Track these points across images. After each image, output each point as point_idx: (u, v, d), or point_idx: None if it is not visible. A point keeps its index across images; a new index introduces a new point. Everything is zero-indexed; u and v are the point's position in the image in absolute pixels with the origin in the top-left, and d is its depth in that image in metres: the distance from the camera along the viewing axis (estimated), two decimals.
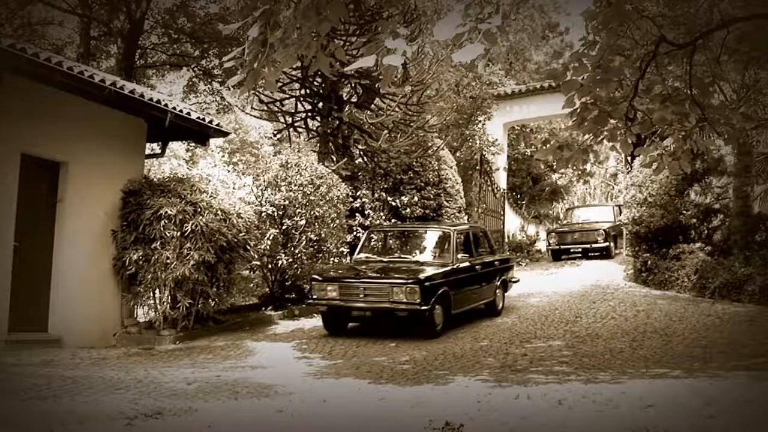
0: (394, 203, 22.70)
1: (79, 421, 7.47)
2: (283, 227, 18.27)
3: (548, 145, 32.10)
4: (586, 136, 10.69)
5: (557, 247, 31.15)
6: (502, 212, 32.12)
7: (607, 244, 30.35)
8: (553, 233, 32.19)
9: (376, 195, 22.69)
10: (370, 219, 21.90)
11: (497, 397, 9.57)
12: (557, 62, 37.43)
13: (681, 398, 9.20)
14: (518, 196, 39.35)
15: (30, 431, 7.00)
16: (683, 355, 12.72)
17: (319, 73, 19.68)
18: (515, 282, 20.05)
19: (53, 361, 12.11)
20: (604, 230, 30.48)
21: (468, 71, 27.75)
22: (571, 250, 31.05)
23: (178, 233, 15.03)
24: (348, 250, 21.21)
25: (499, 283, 18.39)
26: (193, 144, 23.19)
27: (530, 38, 40.88)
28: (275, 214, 18.19)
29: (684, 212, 22.24)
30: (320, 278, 15.78)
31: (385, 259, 16.93)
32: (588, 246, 30.66)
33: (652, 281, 22.64)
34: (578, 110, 10.14)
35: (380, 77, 19.07)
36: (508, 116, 32.60)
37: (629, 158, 26.75)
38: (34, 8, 30.80)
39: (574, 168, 36.09)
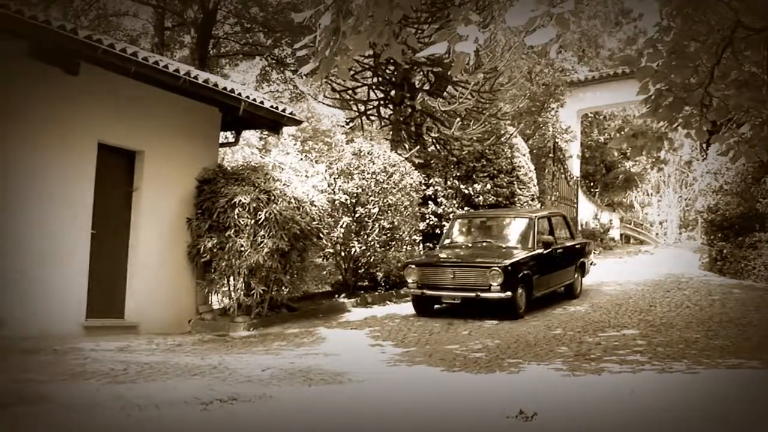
0: (466, 191, 22.65)
1: (156, 406, 7.57)
2: (356, 215, 18.31)
3: (622, 133, 31.72)
4: (661, 124, 10.57)
5: (420, 292, 16.80)
6: (575, 200, 31.87)
7: (508, 294, 15.90)
8: (413, 266, 17.08)
9: (449, 183, 22.66)
10: (442, 207, 21.88)
11: (571, 386, 9.55)
12: (631, 48, 37.12)
13: (758, 389, 9.09)
14: (591, 183, 39.03)
15: (108, 414, 7.11)
16: (760, 345, 12.56)
17: (392, 60, 19.70)
18: None
19: (130, 347, 12.28)
20: (502, 268, 16.02)
21: (540, 57, 27.60)
22: (443, 300, 16.95)
23: (252, 221, 15.12)
24: (421, 238, 21.27)
25: None
26: (266, 132, 23.29)
27: (603, 24, 40.51)
28: (348, 202, 18.22)
29: (761, 200, 21.90)
30: None
31: None
32: (473, 295, 16.19)
33: (728, 270, 22.35)
34: (653, 97, 10.03)
35: (452, 64, 19.13)
36: (581, 103, 32.30)
37: (704, 145, 26.42)
38: (110, 0, 31.23)
39: (648, 156, 35.71)
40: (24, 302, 12.49)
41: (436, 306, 17.21)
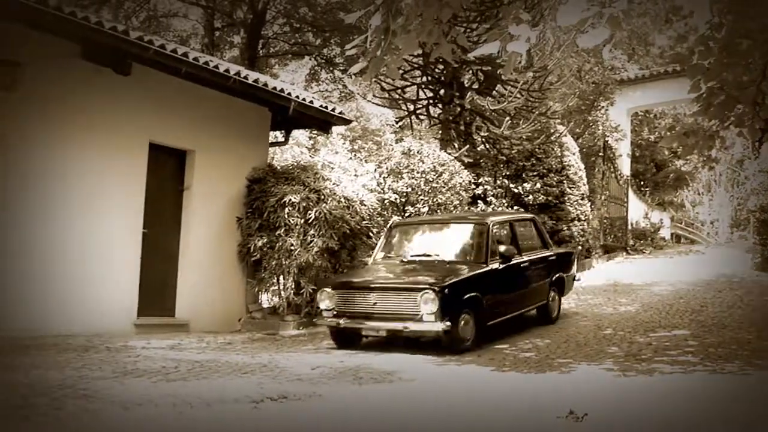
0: (516, 190, 22.56)
1: (207, 403, 7.62)
2: (406, 214, 18.29)
3: (673, 132, 31.42)
4: (712, 122, 10.48)
5: (336, 323, 13.11)
6: (625, 199, 31.64)
7: (446, 325, 12.19)
8: (328, 290, 13.33)
9: (499, 182, 22.58)
10: (492, 206, 21.82)
11: (622, 387, 9.49)
12: (681, 46, 36.76)
13: None
14: (641, 182, 38.73)
15: (159, 412, 7.16)
16: None
17: (441, 59, 19.66)
18: None
19: (181, 345, 12.37)
20: (437, 291, 12.26)
21: (591, 56, 27.43)
22: (363, 332, 13.27)
23: (302, 220, 15.18)
24: None
25: None
26: (315, 132, 23.40)
27: (653, 22, 40.19)
28: (398, 201, 18.22)
29: None
30: None
31: None
32: (400, 327, 12.56)
33: None
34: (704, 95, 9.93)
35: (502, 63, 19.08)
36: (632, 102, 32.10)
37: (757, 144, 26.10)
38: (160, 1, 31.54)
39: (700, 154, 35.27)
40: (77, 300, 12.67)
41: (365, 340, 13.60)
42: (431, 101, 22.27)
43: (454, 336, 12.42)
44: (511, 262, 14.19)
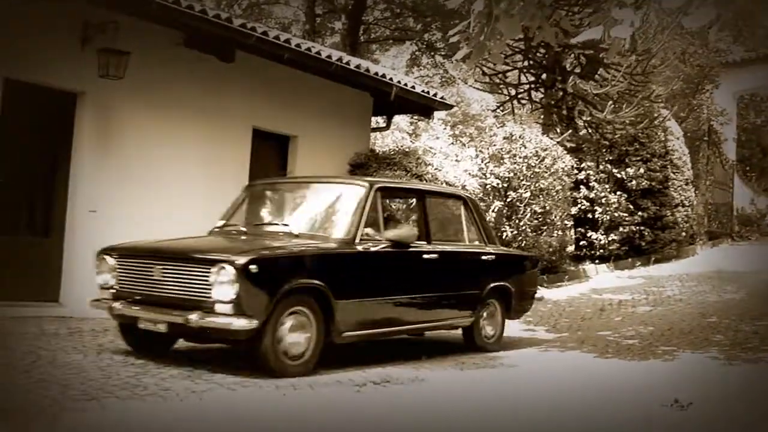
0: (619, 175, 22.32)
1: (310, 386, 7.71)
2: (508, 199, 18.20)
3: None
4: None
5: (107, 308, 8.76)
6: (731, 185, 31.09)
7: (250, 323, 7.76)
8: (109, 259, 8.97)
9: (601, 167, 22.36)
10: (594, 191, 21.62)
11: (727, 376, 9.35)
12: None
13: None
14: (747, 167, 38.00)
15: (264, 393, 7.26)
16: None
17: (543, 44, 19.53)
18: None
19: None
20: (240, 267, 7.77)
21: (695, 39, 26.98)
22: (141, 324, 8.38)
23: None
24: (572, 222, 21.12)
25: None
26: (416, 117, 23.46)
27: (761, 1, 39.35)
28: (500, 186, 18.15)
29: None
30: None
31: None
32: (180, 319, 7.85)
33: None
34: None
35: (605, 47, 18.88)
36: (737, 85, 31.43)
37: None
38: None
39: None
40: None
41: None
42: (533, 86, 22.17)
43: (267, 344, 8.07)
44: (407, 250, 9.90)
